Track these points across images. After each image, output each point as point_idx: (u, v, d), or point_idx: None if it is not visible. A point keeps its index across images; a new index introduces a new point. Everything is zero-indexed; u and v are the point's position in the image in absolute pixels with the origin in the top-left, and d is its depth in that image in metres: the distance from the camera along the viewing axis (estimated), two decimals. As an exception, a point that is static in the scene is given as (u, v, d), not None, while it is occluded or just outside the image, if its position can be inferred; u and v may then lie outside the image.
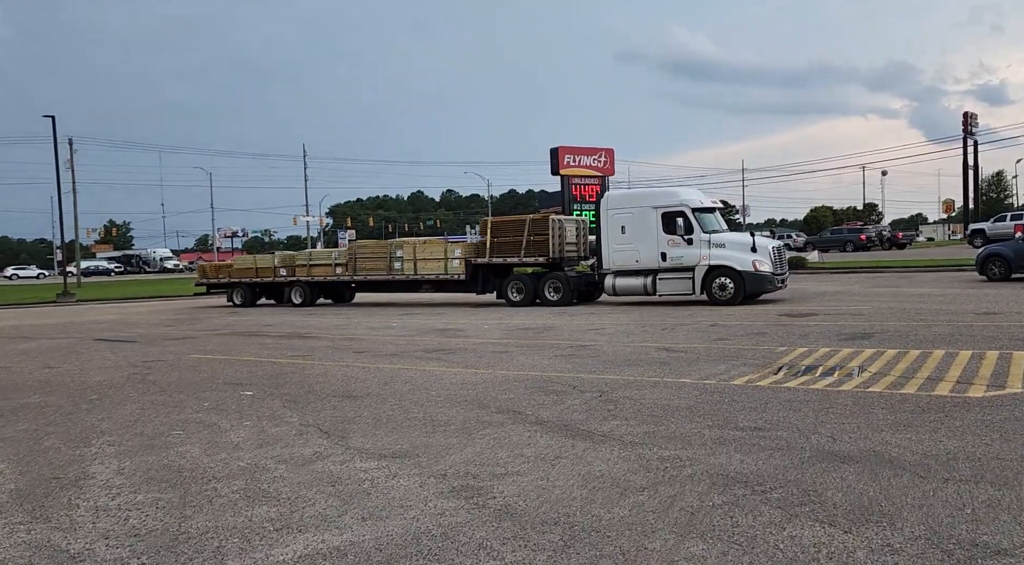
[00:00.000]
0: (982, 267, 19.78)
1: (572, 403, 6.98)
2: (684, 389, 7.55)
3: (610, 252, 18.69)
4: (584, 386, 7.91)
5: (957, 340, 10.10)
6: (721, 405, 6.68)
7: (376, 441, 5.70)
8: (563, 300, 19.13)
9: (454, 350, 11.38)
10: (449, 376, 8.86)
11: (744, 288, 17.08)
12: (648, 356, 10.01)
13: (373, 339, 13.34)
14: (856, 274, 26.60)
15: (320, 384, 8.50)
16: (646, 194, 19.54)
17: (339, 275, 22.29)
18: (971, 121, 62.42)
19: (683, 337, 11.86)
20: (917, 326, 11.73)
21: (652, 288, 18.05)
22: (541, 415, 6.48)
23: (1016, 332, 10.56)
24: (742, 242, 17.50)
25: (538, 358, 10.19)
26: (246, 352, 11.96)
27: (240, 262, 24.50)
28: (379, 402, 7.30)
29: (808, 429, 5.66)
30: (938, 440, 5.21)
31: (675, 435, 5.61)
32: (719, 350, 10.28)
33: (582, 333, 13.00)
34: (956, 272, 24.04)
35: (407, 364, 10.04)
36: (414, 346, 12.07)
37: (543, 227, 19.54)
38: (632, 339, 11.91)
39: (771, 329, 12.32)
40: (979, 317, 12.50)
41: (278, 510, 4.05)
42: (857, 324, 12.36)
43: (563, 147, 36.45)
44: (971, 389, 6.97)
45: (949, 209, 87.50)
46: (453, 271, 20.64)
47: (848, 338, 10.81)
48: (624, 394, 7.37)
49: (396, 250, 21.61)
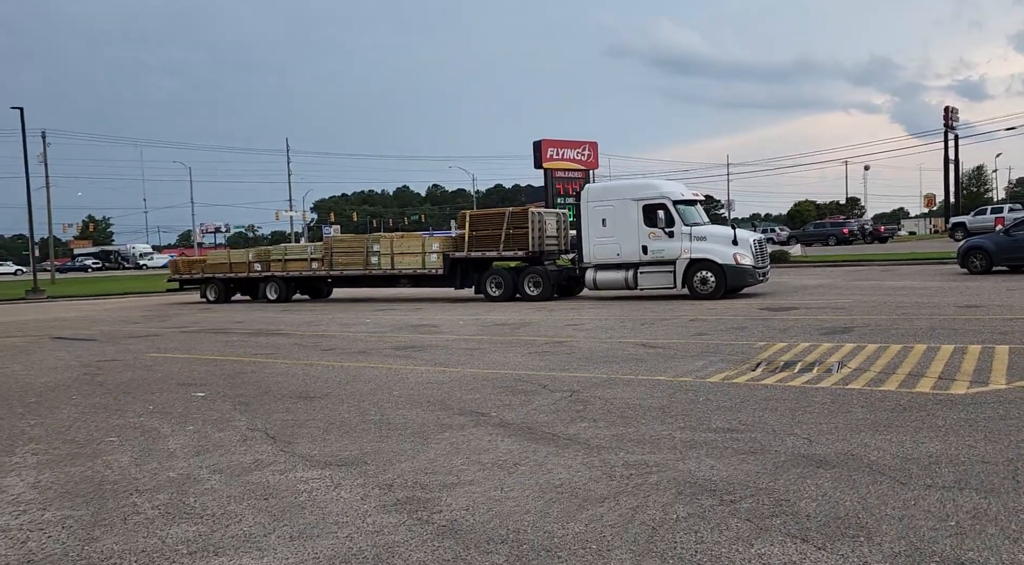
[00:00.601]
0: (963, 260, 19.65)
1: (540, 403, 6.64)
2: (658, 387, 7.23)
3: (591, 246, 18.36)
4: (555, 385, 7.57)
5: (939, 334, 9.86)
6: (695, 404, 6.36)
7: (324, 447, 5.32)
8: (543, 295, 18.78)
9: (425, 347, 11.00)
10: (415, 375, 8.49)
11: (725, 282, 16.80)
12: (625, 352, 9.68)
13: (343, 336, 12.93)
14: (838, 267, 26.46)
15: (278, 384, 8.10)
16: (627, 186, 19.21)
17: (315, 270, 21.81)
18: (952, 115, 62.57)
19: (662, 332, 11.55)
20: (898, 320, 11.49)
21: (633, 282, 17.74)
22: (506, 417, 6.13)
23: (998, 325, 10.34)
24: (723, 235, 17.21)
25: (511, 355, 9.83)
26: (209, 350, 11.52)
27: (213, 257, 23.93)
28: (336, 404, 6.92)
29: (784, 430, 5.34)
30: (920, 442, 4.91)
31: (644, 438, 5.28)
32: (698, 345, 9.98)
33: (560, 329, 12.67)
34: (938, 265, 23.94)
35: (373, 362, 9.66)
36: (384, 343, 11.68)
37: (522, 220, 19.17)
38: (610, 334, 11.59)
39: (751, 323, 12.05)
40: (961, 310, 12.29)
41: (198, 529, 3.67)
42: (838, 318, 12.11)
43: (546, 140, 36.06)
44: (954, 385, 6.69)
45: (930, 203, 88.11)
46: (431, 266, 20.22)
47: (829, 332, 10.55)
48: (596, 393, 7.03)
49: (373, 244, 21.15)
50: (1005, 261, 19.06)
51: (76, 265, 72.32)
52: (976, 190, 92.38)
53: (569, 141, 36.88)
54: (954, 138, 62.94)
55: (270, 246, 25.99)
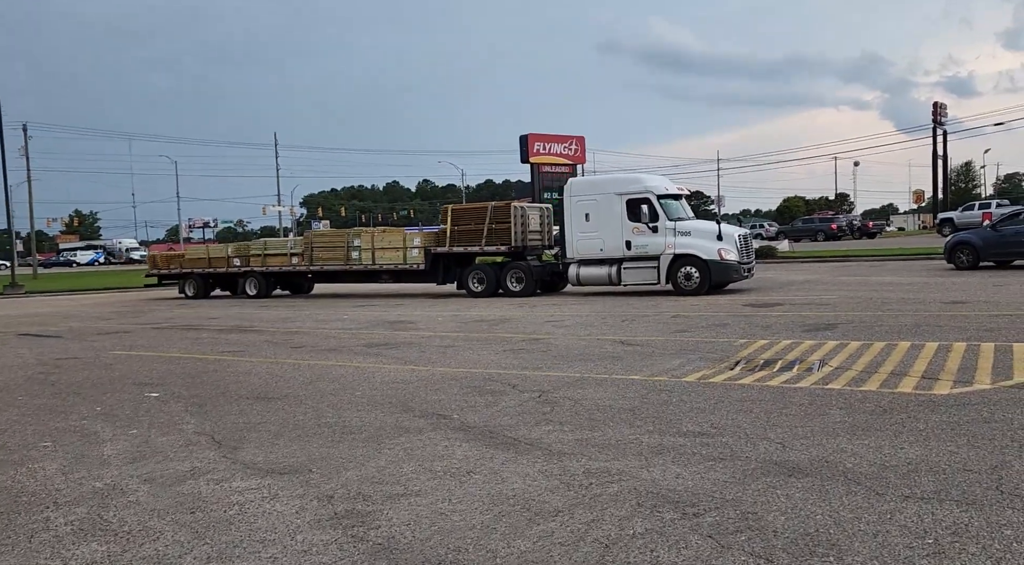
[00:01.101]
0: (950, 255, 19.46)
1: (506, 405, 6.34)
2: (631, 387, 6.94)
3: (574, 240, 18.06)
4: (525, 384, 7.27)
5: (923, 331, 9.63)
6: (667, 406, 6.08)
7: (271, 453, 5.00)
8: (526, 290, 18.48)
9: (398, 344, 10.68)
10: (383, 374, 8.18)
11: (710, 277, 16.55)
12: (601, 350, 9.40)
13: (317, 332, 12.59)
14: (825, 263, 26.29)
15: (238, 384, 7.77)
16: (610, 180, 18.91)
17: (295, 265, 21.42)
18: (940, 111, 62.63)
19: (642, 329, 11.28)
20: (883, 316, 11.26)
21: (617, 278, 17.46)
22: (468, 420, 5.82)
23: (984, 322, 10.12)
24: (708, 230, 16.95)
25: (485, 353, 9.53)
26: (176, 348, 11.16)
27: (192, 252, 23.46)
28: (294, 405, 6.60)
29: (757, 434, 5.07)
30: (899, 447, 4.64)
31: (609, 443, 4.99)
32: (677, 343, 9.71)
33: (539, 325, 12.37)
34: (925, 261, 23.79)
35: (342, 360, 9.33)
36: (357, 340, 11.35)
37: (505, 215, 18.84)
38: (589, 331, 11.31)
39: (734, 320, 11.79)
40: (946, 306, 12.07)
41: (108, 548, 3.35)
42: (822, 314, 11.87)
43: (533, 134, 35.70)
44: (937, 385, 6.44)
45: (919, 199, 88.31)
46: (412, 261, 19.87)
47: (811, 329, 10.30)
48: (565, 394, 6.74)
49: (354, 239, 20.77)
50: (992, 256, 18.90)
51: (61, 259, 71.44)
52: (964, 186, 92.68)
53: (556, 136, 36.53)
54: (943, 134, 63.05)
55: (250, 240, 25.56)
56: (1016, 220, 19.03)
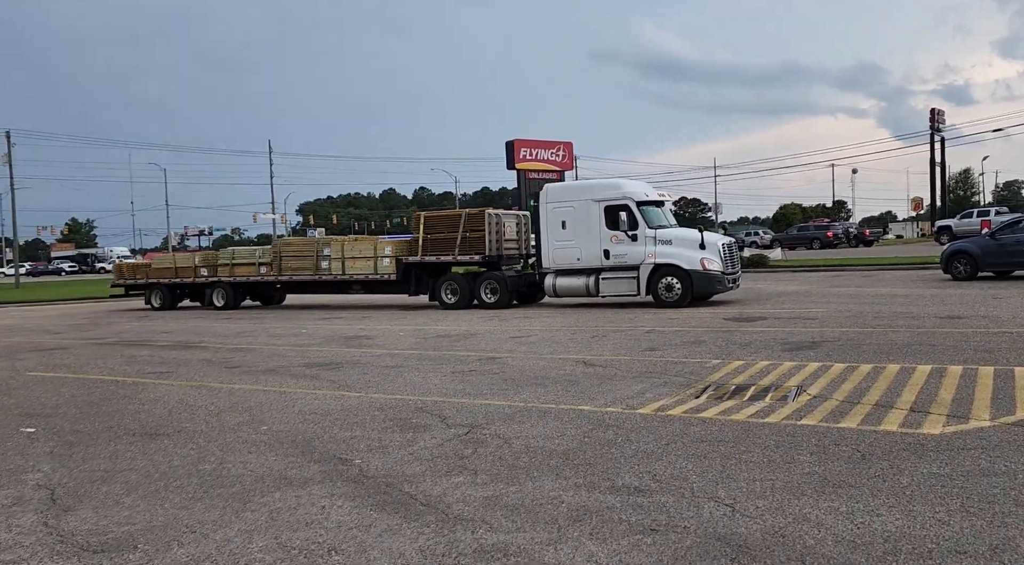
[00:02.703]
0: (947, 265, 18.56)
1: (425, 445, 5.43)
2: (576, 421, 6.03)
3: (550, 250, 17.15)
4: (458, 416, 6.36)
5: (916, 351, 8.73)
6: (610, 448, 5.17)
7: (106, 517, 4.08)
8: (500, 302, 17.55)
9: (343, 364, 9.77)
10: (306, 402, 7.27)
11: (692, 289, 15.65)
12: (560, 372, 8.50)
13: (264, 350, 11.68)
14: (818, 272, 25.40)
15: (136, 415, 6.85)
16: (588, 186, 18.04)
17: (263, 275, 20.49)
18: (938, 118, 61.95)
19: (610, 347, 10.38)
20: (873, 333, 10.37)
21: (595, 289, 16.55)
22: (370, 466, 4.91)
23: (982, 341, 9.22)
24: (690, 238, 16.06)
25: (431, 375, 8.62)
26: (102, 368, 10.24)
27: (158, 262, 22.52)
28: (180, 444, 5.68)
29: (705, 491, 4.16)
30: (876, 513, 3.73)
31: (524, 503, 4.08)
32: (643, 364, 8.81)
33: (502, 342, 11.47)
34: (921, 270, 22.89)
35: (272, 384, 8.41)
36: (302, 359, 10.44)
37: (479, 223, 17.94)
38: (553, 349, 10.40)
39: (711, 336, 10.89)
40: (942, 321, 11.18)
41: None
42: (807, 330, 10.97)
43: (519, 140, 34.91)
44: (927, 422, 5.53)
45: (918, 207, 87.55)
46: (383, 271, 18.96)
47: (793, 348, 9.40)
48: (499, 429, 5.83)
49: (323, 248, 19.86)
50: (991, 266, 18.00)
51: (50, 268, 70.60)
52: (963, 193, 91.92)
53: (543, 141, 35.74)
54: (940, 140, 62.29)
55: (218, 249, 24.65)
56: (1016, 228, 18.14)
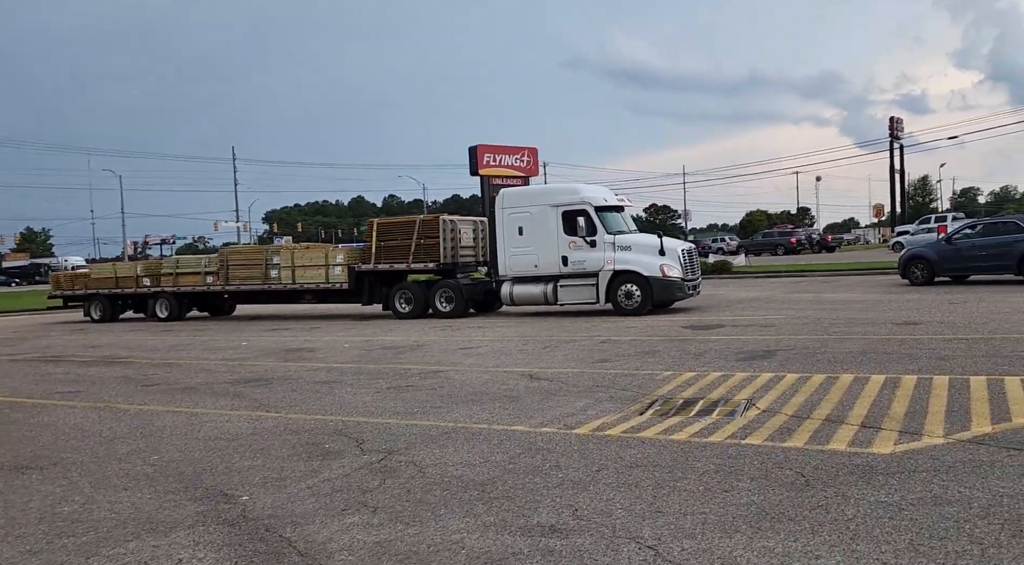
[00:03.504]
0: (904, 270, 18.48)
1: (329, 475, 4.88)
2: (506, 444, 5.54)
3: (506, 256, 16.66)
4: (378, 440, 5.82)
5: (871, 359, 8.41)
6: (535, 476, 4.68)
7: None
8: (455, 311, 17.01)
9: (273, 380, 9.16)
10: (217, 424, 6.66)
11: (652, 296, 15.28)
12: (502, 387, 8.00)
13: (194, 365, 10.99)
14: (781, 278, 25.30)
15: (16, 443, 6.19)
16: (545, 191, 17.62)
17: (209, 285, 19.67)
18: (896, 126, 63.00)
19: (560, 358, 9.91)
20: (829, 340, 10.05)
21: (553, 297, 16.10)
22: (256, 505, 4.34)
23: (937, 347, 8.94)
24: (649, 244, 15.69)
25: (364, 392, 8.07)
26: (6, 387, 9.51)
27: (98, 271, 21.54)
28: (51, 479, 5.06)
29: (629, 529, 3.68)
30: (814, 554, 3.29)
31: (416, 550, 3.55)
32: (591, 377, 8.35)
33: (449, 353, 10.94)
34: (880, 276, 22.88)
35: (188, 405, 7.78)
36: (232, 375, 9.79)
37: (433, 229, 17.41)
38: (500, 361, 9.90)
39: (666, 346, 10.49)
40: (898, 328, 10.92)
41: None
42: (764, 338, 10.63)
43: (482, 145, 34.17)
44: (878, 440, 5.14)
45: (879, 213, 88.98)
46: (335, 279, 18.30)
47: (747, 358, 9.02)
48: (418, 455, 5.31)
49: (273, 256, 19.12)
50: (947, 271, 17.96)
51: None
52: (922, 200, 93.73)
53: (507, 147, 35.10)
54: (899, 148, 63.35)
55: (162, 259, 23.72)
56: (972, 233, 18.14)
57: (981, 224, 18.84)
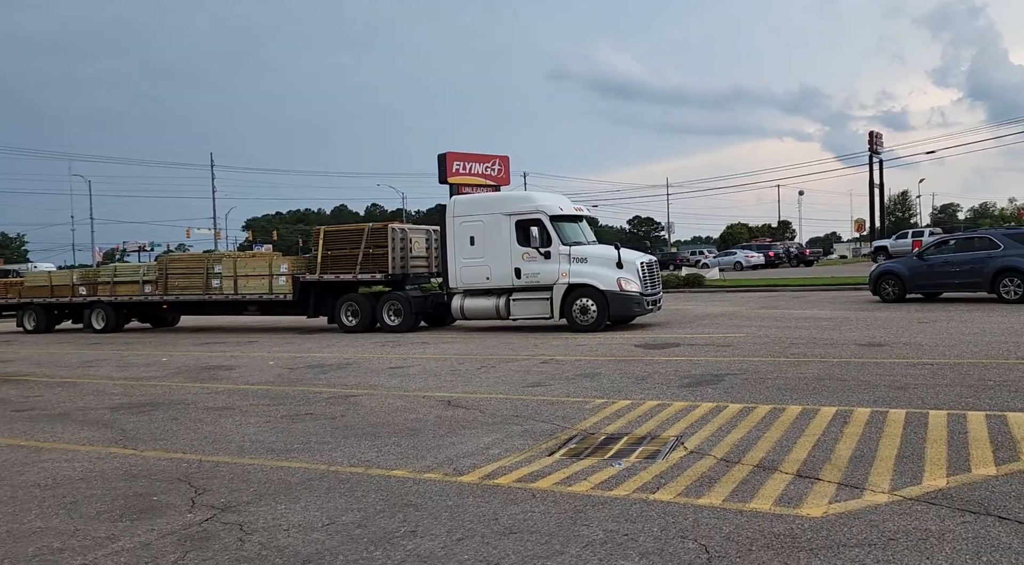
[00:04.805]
0: (875, 286, 17.72)
1: (126, 544, 3.93)
2: (371, 496, 4.62)
3: (457, 268, 15.74)
4: (222, 489, 4.88)
5: (825, 387, 7.57)
6: (380, 547, 3.76)
7: None
8: (404, 325, 16.05)
9: (160, 406, 8.17)
10: (48, 465, 5.70)
11: (608, 311, 14.42)
12: (411, 416, 7.08)
13: (90, 385, 9.97)
14: (752, 293, 24.55)
15: None
16: (498, 199, 16.71)
17: (147, 294, 18.57)
18: (876, 140, 62.90)
19: (491, 381, 8.99)
20: (784, 364, 9.22)
21: (505, 311, 15.18)
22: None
23: (899, 373, 8.13)
24: (606, 256, 14.84)
25: (252, 422, 7.11)
26: None
27: (32, 279, 20.33)
28: None
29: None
30: None
31: None
32: (516, 405, 7.44)
33: (375, 374, 9.99)
34: (852, 291, 22.19)
35: (41, 436, 6.79)
36: (122, 399, 8.79)
37: (382, 238, 16.47)
38: (426, 384, 8.97)
39: (609, 368, 9.60)
40: (861, 349, 10.11)
41: None
42: (716, 360, 9.78)
43: (451, 153, 33.50)
44: (810, 496, 4.27)
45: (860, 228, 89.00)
46: (279, 290, 17.27)
47: (692, 384, 8.16)
48: (254, 514, 4.37)
49: (214, 265, 18.07)
50: (919, 288, 17.23)
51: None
52: (902, 215, 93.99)
53: (477, 155, 34.40)
54: (879, 163, 63.26)
55: (99, 266, 22.58)
56: (943, 248, 17.43)
57: (954, 239, 18.13)
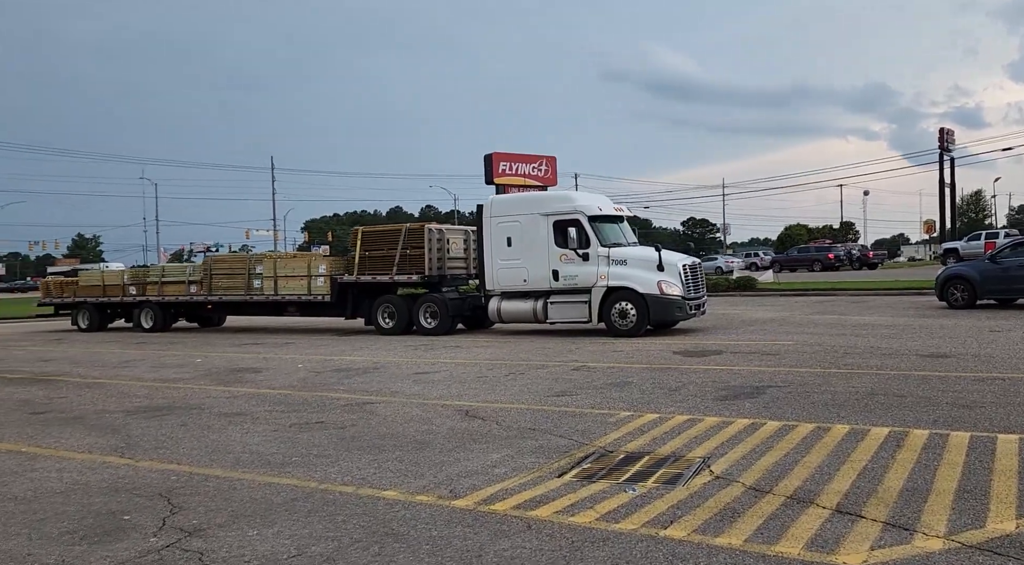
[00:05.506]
0: (941, 291, 16.53)
1: (83, 567, 3.62)
2: (352, 522, 4.22)
3: (494, 270, 15.31)
4: (199, 509, 4.56)
5: (878, 404, 6.86)
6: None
7: None
8: (440, 328, 15.71)
9: (176, 410, 8.00)
10: (37, 476, 5.51)
11: (648, 315, 13.78)
12: (423, 428, 6.69)
13: (117, 387, 9.92)
14: (806, 297, 23.40)
15: None
16: (536, 199, 16.19)
17: (192, 295, 18.78)
18: (947, 137, 59.81)
19: (516, 389, 8.54)
20: (834, 376, 8.48)
21: (543, 314, 14.69)
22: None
23: (965, 389, 7.33)
24: (646, 258, 14.19)
25: (260, 431, 6.84)
26: None
27: (86, 278, 20.84)
28: None
29: None
30: None
31: None
32: (535, 416, 6.98)
33: (399, 380, 9.66)
34: (916, 296, 20.86)
35: (45, 442, 6.65)
36: (143, 402, 8.67)
37: (419, 239, 16.20)
38: (447, 391, 8.58)
39: (643, 377, 9.03)
40: (922, 361, 9.27)
41: None
42: (759, 370, 9.10)
43: (497, 153, 33.06)
44: (850, 538, 3.67)
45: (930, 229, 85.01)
46: (317, 291, 17.19)
47: (729, 397, 7.53)
48: (223, 538, 4.02)
49: (256, 266, 18.13)
50: (991, 293, 15.99)
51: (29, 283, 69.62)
52: (975, 216, 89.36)
53: (524, 155, 33.87)
54: (950, 161, 60.14)
55: (148, 266, 23.00)
56: (1020, 250, 16.14)
57: (1031, 241, 16.81)
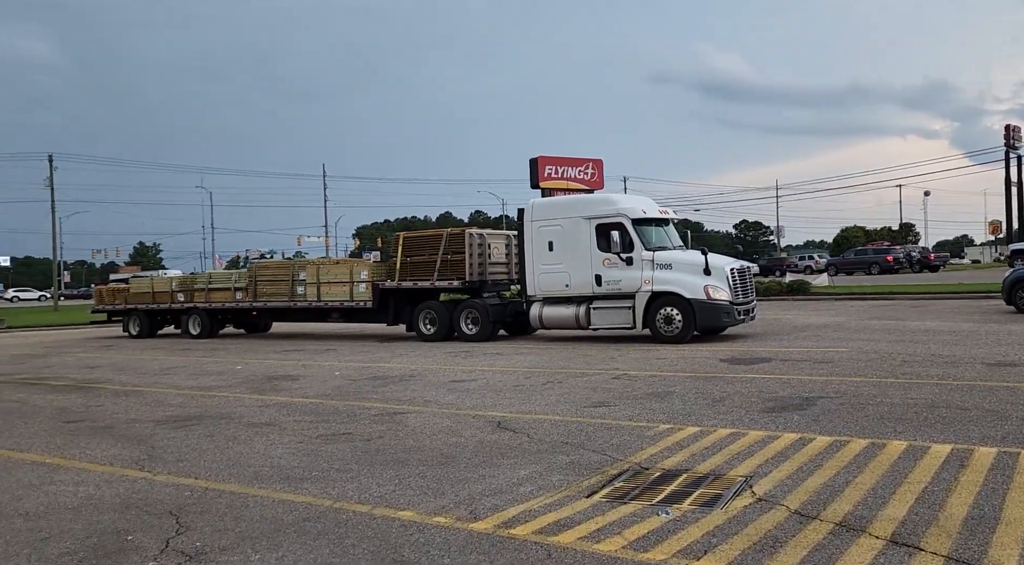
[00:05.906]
0: (1010, 295, 15.59)
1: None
2: (360, 547, 4.02)
3: (535, 275, 15.03)
4: (206, 529, 4.41)
5: (939, 417, 6.34)
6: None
7: None
8: (481, 334, 15.51)
9: (206, 419, 7.96)
10: (54, 490, 5.45)
11: (695, 321, 13.31)
12: (451, 440, 6.46)
13: (154, 395, 9.98)
14: (862, 301, 22.41)
15: None
16: (578, 202, 15.86)
17: (239, 301, 19.03)
18: (1014, 135, 57.03)
19: (552, 400, 8.24)
20: (892, 385, 7.93)
21: (585, 320, 14.35)
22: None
23: (1037, 404, 6.72)
24: (692, 262, 13.72)
25: (285, 442, 6.71)
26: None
27: (136, 286, 21.34)
28: None
29: None
30: None
31: None
32: (569, 428, 6.68)
33: (433, 388, 9.46)
34: (982, 300, 19.76)
35: (70, 455, 6.64)
36: (176, 411, 8.66)
37: (460, 244, 16.04)
38: (482, 401, 8.34)
39: (686, 386, 8.62)
40: (988, 370, 8.62)
41: None
42: (810, 379, 8.59)
43: (543, 157, 32.88)
44: (903, 577, 3.26)
45: (995, 230, 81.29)
46: (359, 297, 17.20)
47: (776, 409, 7.09)
48: (231, 561, 3.84)
49: (299, 272, 18.27)
50: (1066, 297, 14.99)
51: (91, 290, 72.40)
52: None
53: (570, 158, 33.57)
54: (1016, 159, 57.33)
55: (196, 273, 23.44)
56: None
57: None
